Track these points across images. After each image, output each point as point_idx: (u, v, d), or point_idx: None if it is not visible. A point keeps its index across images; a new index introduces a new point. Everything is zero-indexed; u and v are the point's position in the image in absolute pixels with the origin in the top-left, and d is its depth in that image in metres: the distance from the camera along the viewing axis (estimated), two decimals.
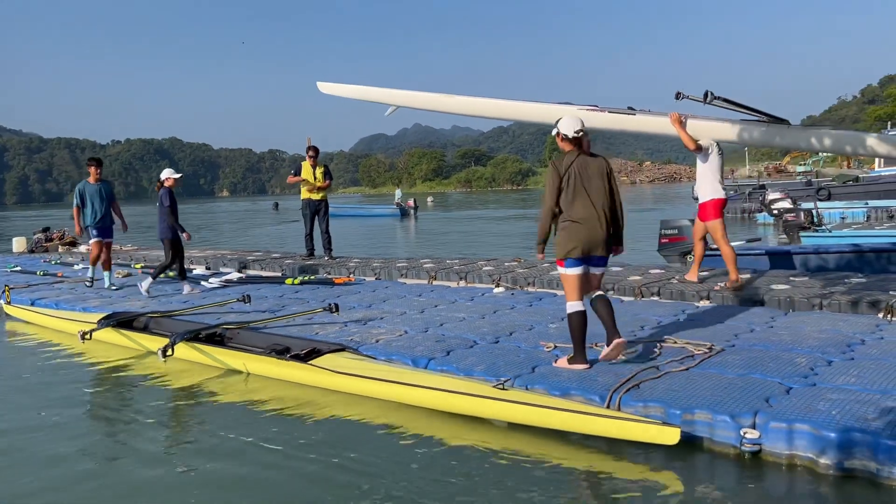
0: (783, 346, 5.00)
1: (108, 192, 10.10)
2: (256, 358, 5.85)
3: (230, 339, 6.41)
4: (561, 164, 4.82)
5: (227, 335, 6.45)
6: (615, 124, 5.99)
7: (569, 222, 4.74)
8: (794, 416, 3.64)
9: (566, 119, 4.94)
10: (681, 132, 6.14)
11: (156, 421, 4.98)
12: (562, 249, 4.78)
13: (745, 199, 26.50)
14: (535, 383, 4.62)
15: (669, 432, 3.82)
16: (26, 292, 9.87)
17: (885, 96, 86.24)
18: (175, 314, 7.46)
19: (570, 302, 4.84)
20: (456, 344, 5.70)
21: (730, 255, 7.03)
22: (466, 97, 6.55)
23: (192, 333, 6.20)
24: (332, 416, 4.83)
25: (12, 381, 6.11)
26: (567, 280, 4.85)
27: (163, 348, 5.82)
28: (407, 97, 6.81)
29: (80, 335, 6.78)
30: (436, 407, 4.72)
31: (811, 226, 12.54)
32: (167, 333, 6.57)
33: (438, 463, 4.00)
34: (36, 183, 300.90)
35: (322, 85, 7.53)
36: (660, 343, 5.26)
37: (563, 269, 4.85)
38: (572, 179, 4.75)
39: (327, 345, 5.83)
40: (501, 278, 8.70)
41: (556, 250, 4.83)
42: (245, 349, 6.06)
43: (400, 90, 6.86)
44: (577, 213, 4.71)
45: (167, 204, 9.24)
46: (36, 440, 4.63)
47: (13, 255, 16.49)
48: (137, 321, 7.12)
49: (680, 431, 3.81)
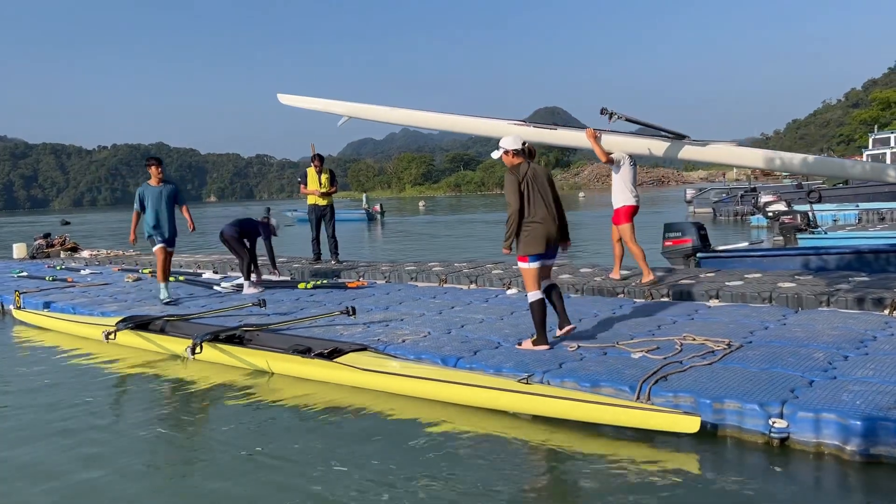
0: (799, 343, 5.21)
1: (173, 194, 9.27)
2: (281, 357, 5.99)
3: (250, 340, 6.54)
4: (518, 172, 5.48)
5: (246, 337, 6.58)
6: (539, 137, 6.78)
7: (533, 224, 5.44)
8: (821, 406, 3.85)
9: (508, 138, 5.69)
10: (595, 146, 6.94)
11: (194, 424, 5.13)
12: (527, 248, 5.47)
13: (737, 202, 26.88)
14: (564, 377, 4.82)
15: (690, 421, 4.04)
16: (39, 296, 9.96)
17: (869, 100, 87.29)
18: (191, 317, 7.60)
19: (532, 292, 5.58)
20: (481, 344, 5.88)
21: (639, 254, 7.80)
22: (409, 110, 7.46)
23: (213, 334, 6.35)
24: (362, 414, 4.99)
25: (39, 387, 6.20)
26: (529, 273, 5.57)
27: (191, 346, 5.99)
28: (358, 109, 7.61)
29: (105, 335, 6.95)
30: (463, 402, 4.91)
31: (807, 228, 12.82)
32: (186, 336, 6.73)
33: (468, 455, 4.16)
34: (21, 189, 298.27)
35: (282, 97, 8.12)
36: (679, 340, 5.46)
37: (525, 265, 5.55)
38: (529, 185, 5.46)
39: (349, 345, 5.99)
40: (512, 281, 8.88)
41: (521, 248, 5.49)
42: (269, 349, 6.21)
43: (353, 103, 7.64)
44: (538, 215, 5.44)
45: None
46: (61, 445, 4.71)
47: (15, 261, 16.50)
48: (154, 324, 7.25)
49: (700, 420, 4.03)
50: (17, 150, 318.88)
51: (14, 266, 14.46)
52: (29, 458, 4.45)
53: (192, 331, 6.95)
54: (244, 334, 6.59)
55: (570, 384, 4.75)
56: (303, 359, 5.79)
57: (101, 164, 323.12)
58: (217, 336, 6.37)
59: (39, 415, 5.33)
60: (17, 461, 4.42)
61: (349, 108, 7.56)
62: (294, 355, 5.86)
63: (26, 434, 4.89)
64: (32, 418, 5.25)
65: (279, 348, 6.12)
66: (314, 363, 5.73)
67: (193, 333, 6.65)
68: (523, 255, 5.51)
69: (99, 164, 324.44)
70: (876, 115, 70.84)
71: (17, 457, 4.49)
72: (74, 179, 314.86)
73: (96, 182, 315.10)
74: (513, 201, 5.43)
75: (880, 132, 34.92)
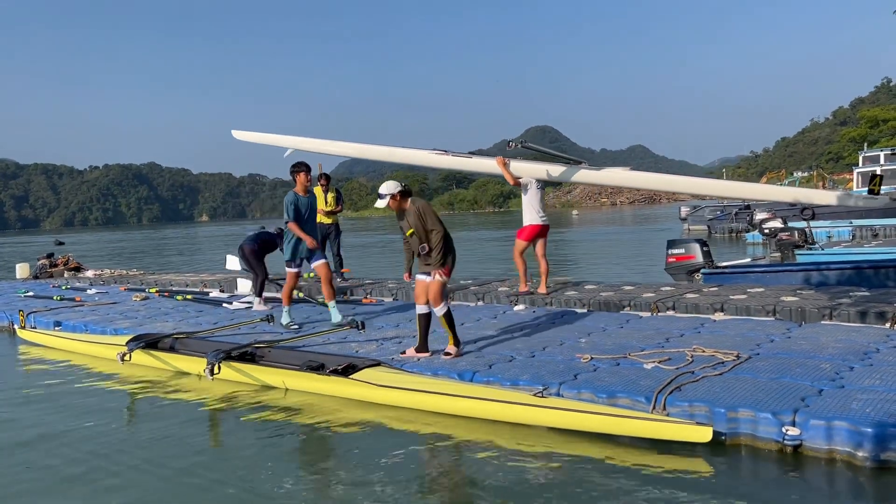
0: (805, 355, 5.39)
1: (314, 205, 8.54)
2: (296, 374, 6.08)
3: (261, 357, 6.57)
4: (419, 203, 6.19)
5: (258, 354, 6.61)
6: (458, 165, 8.02)
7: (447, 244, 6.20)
8: (832, 414, 4.02)
9: (387, 183, 6.36)
10: (504, 172, 8.06)
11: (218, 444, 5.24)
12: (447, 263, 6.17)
13: (731, 220, 27.16)
14: (581, 388, 4.98)
15: (702, 431, 4.20)
16: (50, 315, 10.04)
17: (857, 118, 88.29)
18: (197, 334, 7.67)
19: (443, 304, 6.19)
20: (495, 358, 6.02)
21: (521, 267, 8.89)
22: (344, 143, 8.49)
23: (226, 352, 6.40)
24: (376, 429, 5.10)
25: (55, 407, 6.26)
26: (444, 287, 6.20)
27: (209, 367, 6.09)
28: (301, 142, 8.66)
29: (119, 357, 7.03)
30: (479, 416, 5.04)
31: (804, 244, 13.05)
32: (196, 353, 6.82)
33: (486, 469, 4.27)
34: (11, 209, 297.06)
35: (236, 132, 9.27)
36: (690, 352, 5.63)
37: (446, 278, 6.20)
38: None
39: (363, 360, 6.08)
40: (518, 298, 9.05)
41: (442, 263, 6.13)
42: (283, 366, 6.27)
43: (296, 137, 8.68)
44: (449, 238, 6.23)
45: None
46: (84, 462, 4.84)
47: (19, 281, 16.56)
48: (163, 342, 7.30)
49: (712, 430, 4.19)
50: (7, 171, 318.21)
51: (19, 286, 14.53)
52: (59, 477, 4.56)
53: (201, 348, 7.01)
54: (255, 351, 6.62)
55: (586, 395, 4.90)
56: (318, 375, 5.89)
57: (92, 185, 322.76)
58: (230, 354, 6.40)
59: (57, 434, 5.42)
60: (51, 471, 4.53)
61: (293, 142, 8.61)
62: (309, 372, 5.97)
63: (56, 448, 5.00)
64: (52, 435, 5.36)
65: (293, 365, 6.20)
66: (329, 380, 5.82)
67: (203, 350, 6.75)
68: (447, 270, 6.20)
69: (90, 184, 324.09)
70: (864, 133, 71.71)
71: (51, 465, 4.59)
72: (66, 199, 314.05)
73: (87, 202, 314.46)
74: (440, 226, 6.14)
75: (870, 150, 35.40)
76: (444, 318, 6.20)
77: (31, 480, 4.45)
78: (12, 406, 6.26)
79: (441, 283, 6.17)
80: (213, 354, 6.30)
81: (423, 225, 6.13)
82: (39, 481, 4.43)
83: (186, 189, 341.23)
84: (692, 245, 10.25)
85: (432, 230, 6.13)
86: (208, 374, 6.12)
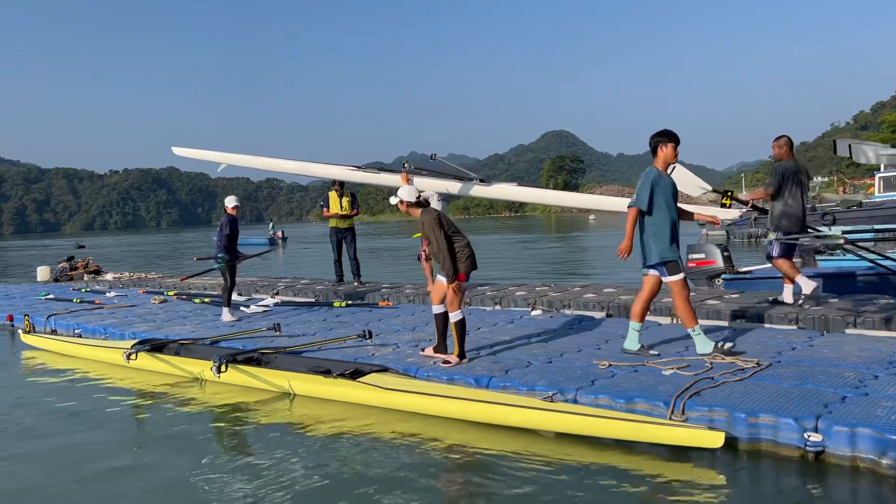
0: (828, 363, 5.31)
1: None
2: (304, 377, 6.07)
3: (267, 362, 6.52)
4: (436, 217, 6.23)
5: (264, 359, 6.55)
6: (369, 180, 8.80)
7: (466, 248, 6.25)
8: (856, 421, 3.96)
9: (407, 188, 6.52)
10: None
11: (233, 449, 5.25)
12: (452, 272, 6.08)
13: (751, 225, 26.83)
14: (598, 393, 4.94)
15: (714, 436, 4.16)
16: (70, 317, 10.14)
17: (879, 122, 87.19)
18: (201, 341, 7.69)
19: (458, 311, 6.18)
20: (512, 364, 6.00)
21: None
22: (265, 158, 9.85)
23: (232, 356, 6.40)
24: (384, 434, 5.09)
25: (64, 411, 6.33)
26: (456, 293, 6.16)
27: (216, 365, 6.12)
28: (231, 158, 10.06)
29: (126, 355, 7.07)
30: (487, 420, 5.01)
31: (826, 250, 12.86)
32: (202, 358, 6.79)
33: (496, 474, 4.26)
34: (34, 213, 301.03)
35: (176, 149, 10.44)
36: (709, 359, 5.56)
37: (454, 285, 6.15)
38: (448, 222, 6.29)
39: (369, 366, 6.08)
40: (536, 301, 9.01)
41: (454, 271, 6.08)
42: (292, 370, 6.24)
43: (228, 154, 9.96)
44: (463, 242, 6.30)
45: (226, 232, 9.31)
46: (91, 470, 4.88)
47: (40, 283, 16.75)
48: (168, 347, 7.29)
49: (724, 435, 4.15)
50: (30, 175, 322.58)
51: (40, 289, 14.69)
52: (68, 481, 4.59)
53: (203, 354, 6.99)
54: (262, 356, 6.58)
55: (604, 400, 4.86)
56: (325, 378, 5.87)
57: (112, 189, 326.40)
58: (235, 358, 6.38)
59: (71, 438, 5.49)
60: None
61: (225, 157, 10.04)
62: (318, 375, 5.93)
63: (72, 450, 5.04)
64: (65, 440, 5.42)
65: (300, 369, 6.19)
66: (336, 383, 5.79)
67: (206, 356, 6.74)
68: (462, 275, 6.18)
69: (110, 188, 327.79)
70: (886, 138, 70.81)
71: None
72: (86, 203, 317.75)
73: (107, 206, 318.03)
74: (443, 241, 6.11)
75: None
76: (455, 325, 6.20)
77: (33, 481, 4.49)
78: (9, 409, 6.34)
79: (451, 287, 6.18)
80: (219, 356, 6.34)
81: (434, 235, 6.20)
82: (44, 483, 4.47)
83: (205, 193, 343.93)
84: (713, 250, 10.15)
85: (431, 241, 6.24)
86: (215, 371, 6.14)
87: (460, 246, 6.23)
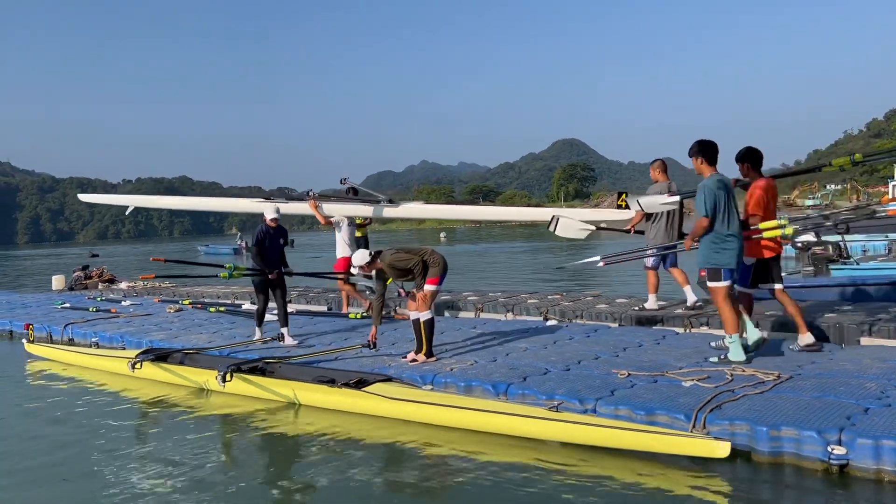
0: (849, 374, 5.26)
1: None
2: (308, 387, 6.06)
3: (272, 372, 6.49)
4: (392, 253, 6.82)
5: (269, 369, 6.52)
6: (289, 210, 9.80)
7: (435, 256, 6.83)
8: (880, 433, 3.92)
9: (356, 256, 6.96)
10: (316, 213, 9.66)
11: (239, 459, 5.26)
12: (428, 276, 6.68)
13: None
14: (618, 404, 4.92)
15: (721, 446, 4.13)
16: (87, 326, 10.20)
17: (892, 130, 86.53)
18: (208, 349, 7.73)
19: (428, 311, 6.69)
20: (529, 371, 5.99)
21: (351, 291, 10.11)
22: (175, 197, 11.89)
23: (236, 366, 6.40)
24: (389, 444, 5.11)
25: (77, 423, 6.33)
26: (432, 295, 6.77)
27: (222, 374, 6.14)
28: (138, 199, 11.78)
29: (131, 365, 7.09)
30: (492, 430, 5.00)
31: (839, 258, 12.81)
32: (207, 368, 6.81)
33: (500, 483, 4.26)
34: (48, 222, 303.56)
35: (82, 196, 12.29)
36: (729, 371, 5.53)
37: (433, 287, 6.73)
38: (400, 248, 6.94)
39: (374, 375, 6.06)
40: (549, 311, 9.00)
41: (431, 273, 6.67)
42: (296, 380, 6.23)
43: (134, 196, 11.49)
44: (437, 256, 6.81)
45: (253, 243, 8.57)
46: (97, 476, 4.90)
47: (55, 292, 16.87)
48: (172, 357, 7.29)
49: (730, 445, 4.12)
50: (44, 185, 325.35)
51: (55, 298, 14.79)
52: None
53: (208, 363, 7.00)
54: (266, 366, 6.53)
55: (623, 411, 4.84)
56: (329, 388, 5.87)
57: None
58: (239, 367, 6.38)
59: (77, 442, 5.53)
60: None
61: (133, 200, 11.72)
62: (323, 385, 5.94)
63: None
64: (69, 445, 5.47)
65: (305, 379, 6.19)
66: (341, 392, 5.79)
67: (211, 366, 6.77)
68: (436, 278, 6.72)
69: None
70: None
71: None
72: (99, 213, 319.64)
73: (120, 215, 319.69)
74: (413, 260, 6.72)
75: None
76: (424, 323, 6.63)
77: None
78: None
79: (430, 292, 6.71)
80: (225, 365, 6.36)
81: (400, 272, 6.77)
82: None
83: None
84: None
85: (411, 268, 6.70)
86: (220, 381, 6.16)
87: (429, 255, 6.75)
